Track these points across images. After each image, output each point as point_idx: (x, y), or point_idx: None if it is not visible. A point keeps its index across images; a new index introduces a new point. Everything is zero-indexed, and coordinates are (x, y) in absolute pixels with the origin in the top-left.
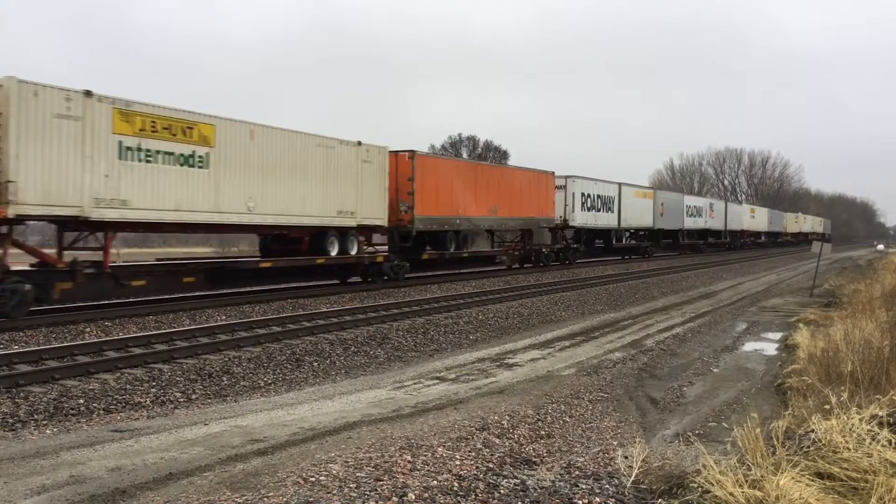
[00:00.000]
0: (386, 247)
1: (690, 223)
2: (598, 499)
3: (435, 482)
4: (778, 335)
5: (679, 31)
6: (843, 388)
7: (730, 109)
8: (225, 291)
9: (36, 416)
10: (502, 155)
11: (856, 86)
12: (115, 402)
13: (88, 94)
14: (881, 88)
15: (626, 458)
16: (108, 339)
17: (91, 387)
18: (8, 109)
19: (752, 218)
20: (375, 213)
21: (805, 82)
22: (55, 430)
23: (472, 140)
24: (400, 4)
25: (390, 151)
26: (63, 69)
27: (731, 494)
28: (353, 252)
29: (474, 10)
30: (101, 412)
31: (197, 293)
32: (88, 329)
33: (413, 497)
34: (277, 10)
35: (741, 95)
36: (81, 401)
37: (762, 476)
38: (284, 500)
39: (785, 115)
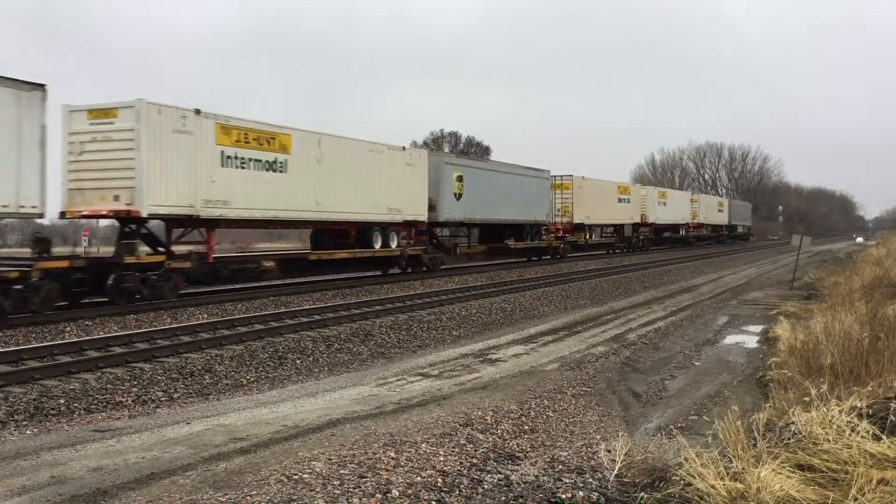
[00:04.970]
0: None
1: None
2: (581, 493)
3: (419, 478)
4: (758, 328)
5: (667, 25)
6: (823, 380)
7: (716, 104)
8: (205, 290)
9: (16, 417)
10: (484, 151)
11: (843, 82)
12: (96, 401)
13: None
14: (868, 86)
15: (610, 452)
16: (88, 338)
17: (72, 386)
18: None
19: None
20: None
21: (791, 76)
22: (36, 430)
23: (455, 136)
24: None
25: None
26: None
27: (713, 487)
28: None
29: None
30: (82, 412)
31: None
32: (69, 328)
33: (397, 493)
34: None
35: (727, 90)
36: (62, 401)
37: (743, 468)
38: (268, 498)
39: (767, 109)
